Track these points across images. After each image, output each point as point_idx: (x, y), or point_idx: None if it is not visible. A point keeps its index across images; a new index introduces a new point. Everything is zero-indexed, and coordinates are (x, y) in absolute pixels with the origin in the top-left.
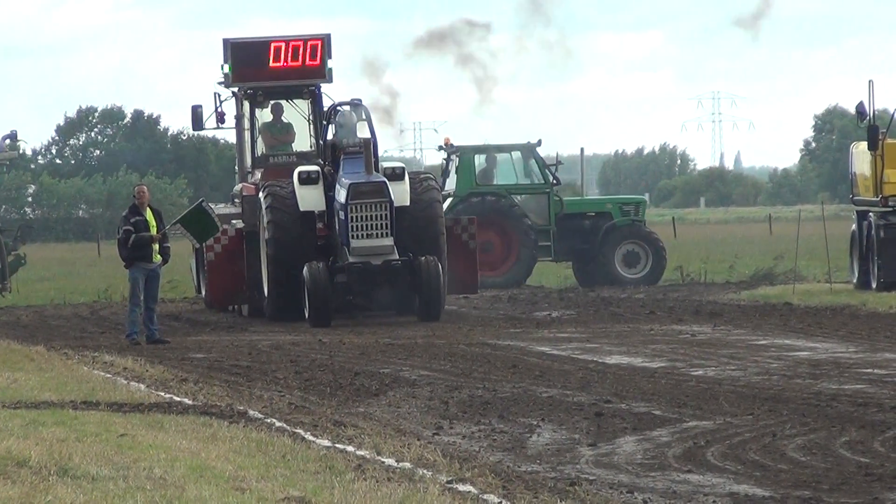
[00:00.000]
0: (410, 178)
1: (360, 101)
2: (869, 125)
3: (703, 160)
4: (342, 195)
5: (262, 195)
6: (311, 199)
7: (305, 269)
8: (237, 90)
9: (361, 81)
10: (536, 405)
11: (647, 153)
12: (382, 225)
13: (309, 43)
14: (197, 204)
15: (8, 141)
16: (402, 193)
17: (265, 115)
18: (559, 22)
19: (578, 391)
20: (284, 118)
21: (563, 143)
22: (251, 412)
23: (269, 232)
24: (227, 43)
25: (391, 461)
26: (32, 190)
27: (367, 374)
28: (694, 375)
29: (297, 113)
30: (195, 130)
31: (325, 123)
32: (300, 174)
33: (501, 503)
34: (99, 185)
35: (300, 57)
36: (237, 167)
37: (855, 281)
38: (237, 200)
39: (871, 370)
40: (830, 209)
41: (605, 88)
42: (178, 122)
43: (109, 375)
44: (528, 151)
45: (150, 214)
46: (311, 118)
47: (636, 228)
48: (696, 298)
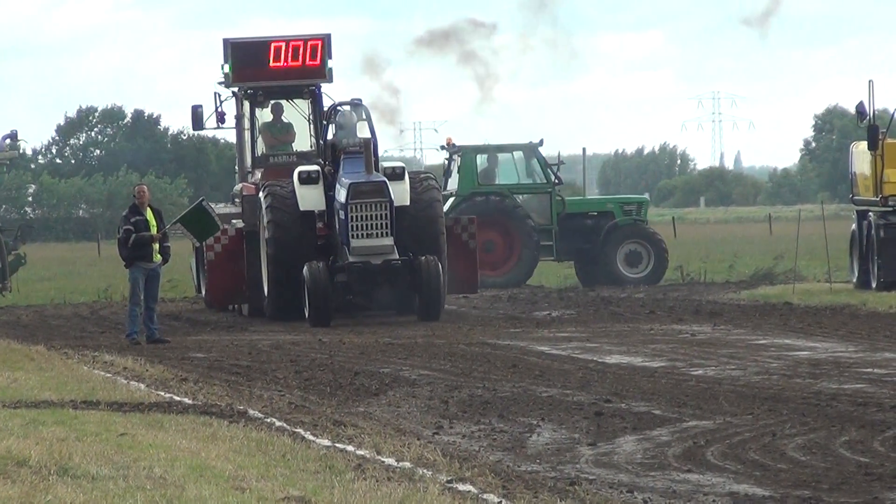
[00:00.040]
0: (410, 177)
1: (360, 100)
2: (869, 125)
3: (703, 160)
4: (342, 195)
5: (262, 195)
6: (311, 198)
7: (305, 268)
8: (237, 90)
9: (362, 80)
10: (536, 405)
11: (647, 153)
12: (382, 225)
13: (309, 43)
14: (197, 203)
15: (8, 141)
16: (402, 193)
17: (265, 115)
18: (564, 21)
19: (578, 391)
20: (284, 118)
21: (563, 142)
22: (251, 412)
23: (269, 231)
24: (227, 43)
25: (391, 461)
26: (32, 190)
27: (366, 373)
28: (694, 375)
29: (297, 113)
30: (195, 130)
31: (325, 123)
32: (300, 174)
33: (501, 503)
34: (99, 184)
35: (300, 57)
36: (237, 167)
37: (855, 281)
38: (237, 200)
39: (870, 370)
40: (830, 209)
41: (605, 88)
42: (178, 121)
43: (109, 375)
44: (530, 151)
45: (150, 214)
46: (311, 118)
47: (638, 228)
48: (695, 298)
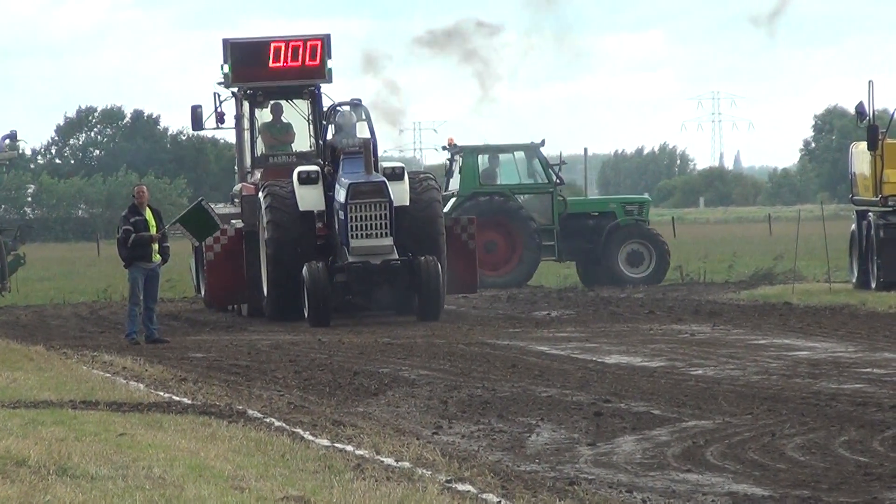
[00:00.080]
0: (410, 177)
1: (359, 101)
2: (869, 125)
3: (702, 160)
4: (342, 195)
5: (261, 195)
6: (310, 198)
7: (305, 268)
8: (237, 90)
9: (362, 79)
10: (535, 405)
11: (646, 153)
12: (382, 225)
13: (309, 43)
14: (197, 203)
15: (8, 141)
16: (401, 193)
17: (265, 115)
18: (567, 21)
19: (577, 391)
20: (284, 118)
21: (563, 142)
22: (250, 412)
23: (268, 232)
24: (226, 43)
25: (390, 460)
26: (32, 190)
27: (366, 373)
28: (693, 375)
29: (296, 113)
30: (195, 130)
31: (324, 123)
32: (300, 174)
33: (500, 502)
34: (99, 185)
35: (300, 57)
36: (237, 167)
37: (854, 281)
38: (237, 200)
39: (870, 370)
40: (830, 209)
41: (605, 88)
42: (177, 122)
43: (109, 375)
44: (531, 151)
45: (149, 214)
46: (310, 118)
47: (640, 228)
48: (695, 298)
